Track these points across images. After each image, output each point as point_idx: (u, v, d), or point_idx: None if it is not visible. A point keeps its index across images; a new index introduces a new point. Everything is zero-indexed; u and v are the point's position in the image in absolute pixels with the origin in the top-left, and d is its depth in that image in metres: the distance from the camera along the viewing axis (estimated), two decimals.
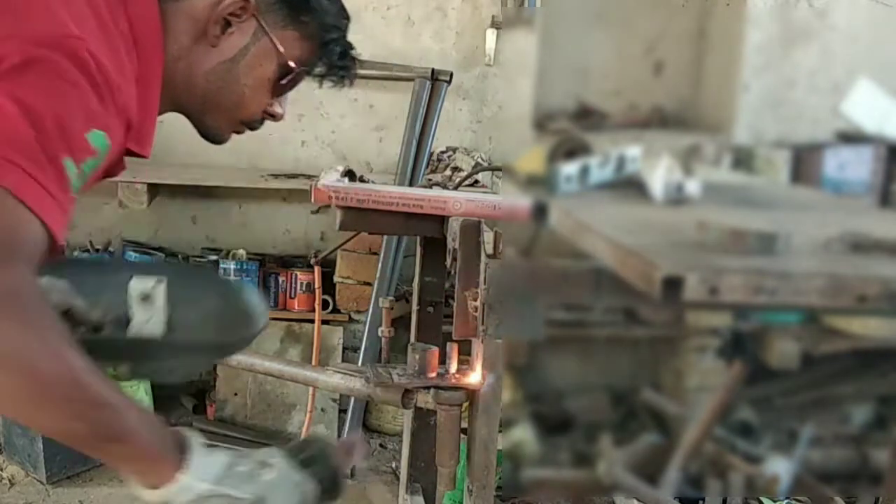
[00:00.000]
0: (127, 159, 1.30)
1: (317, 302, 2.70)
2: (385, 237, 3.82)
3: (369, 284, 3.97)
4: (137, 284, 1.35)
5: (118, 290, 1.35)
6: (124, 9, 1.24)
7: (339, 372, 2.03)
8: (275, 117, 1.45)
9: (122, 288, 1.35)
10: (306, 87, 1.42)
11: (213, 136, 1.46)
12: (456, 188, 2.46)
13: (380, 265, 3.89)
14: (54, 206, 1.03)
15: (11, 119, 1.01)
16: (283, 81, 1.39)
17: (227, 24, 1.31)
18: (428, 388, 1.79)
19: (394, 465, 3.79)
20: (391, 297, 2.29)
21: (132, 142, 1.23)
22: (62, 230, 1.06)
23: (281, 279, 4.12)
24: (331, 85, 1.47)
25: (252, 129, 1.47)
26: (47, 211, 1.02)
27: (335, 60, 1.43)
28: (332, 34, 1.40)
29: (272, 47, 1.35)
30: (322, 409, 3.93)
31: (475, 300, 1.70)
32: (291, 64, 1.37)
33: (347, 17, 1.44)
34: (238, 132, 1.46)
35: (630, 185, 1.97)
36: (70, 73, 1.06)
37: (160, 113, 1.33)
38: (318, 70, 1.42)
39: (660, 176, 1.87)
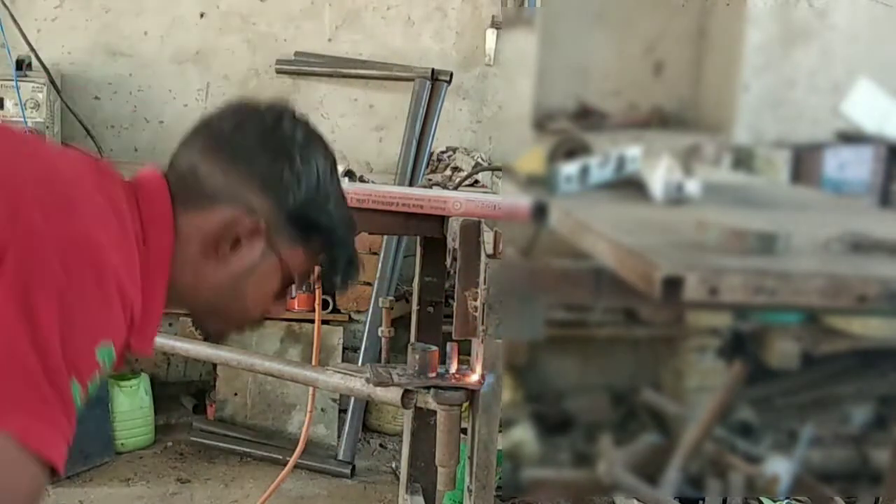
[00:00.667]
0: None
1: (317, 302, 2.69)
2: (385, 237, 3.82)
3: (369, 284, 3.97)
4: None
5: None
6: (138, 208, 1.28)
7: (339, 372, 2.03)
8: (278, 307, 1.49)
9: None
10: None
11: (215, 336, 1.49)
12: (456, 188, 2.46)
13: (380, 265, 3.89)
14: (57, 440, 1.07)
15: (19, 345, 1.04)
16: (286, 291, 1.43)
17: (238, 241, 1.33)
18: (428, 388, 1.79)
19: (394, 465, 3.79)
20: (391, 297, 2.29)
21: (133, 340, 1.24)
22: (64, 460, 1.09)
23: None
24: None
25: (252, 328, 1.51)
26: (51, 448, 1.06)
27: (339, 270, 1.46)
28: (338, 249, 1.43)
29: (279, 264, 1.37)
30: (322, 409, 3.93)
31: (475, 300, 1.70)
32: (296, 278, 1.41)
33: (354, 226, 1.47)
34: (239, 331, 1.50)
35: (630, 185, 1.97)
36: (86, 281, 1.10)
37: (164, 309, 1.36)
38: (327, 272, 1.45)
39: (660, 176, 1.87)
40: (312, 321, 3.47)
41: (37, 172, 1.19)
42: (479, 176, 2.88)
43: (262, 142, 1.33)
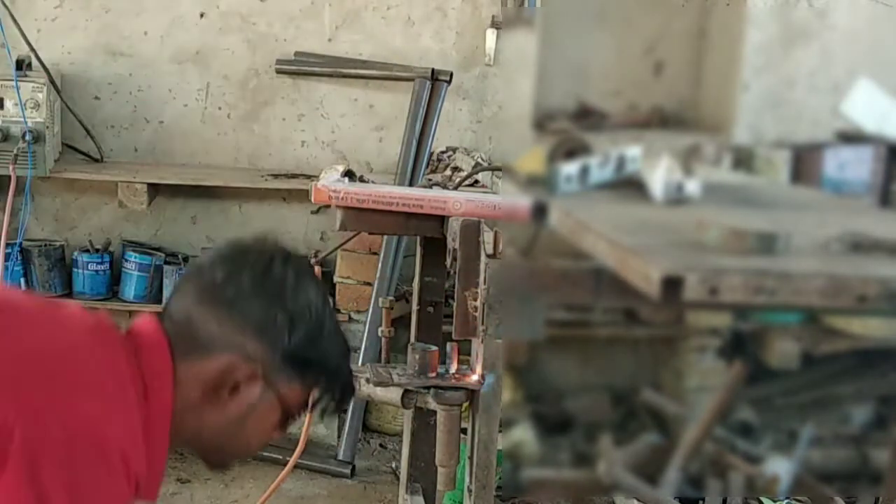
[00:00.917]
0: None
1: None
2: (385, 237, 3.82)
3: (369, 284, 3.97)
4: None
5: None
6: (139, 364, 1.33)
7: None
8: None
9: None
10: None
11: (218, 468, 1.53)
12: (456, 188, 2.46)
13: (380, 265, 3.89)
14: None
15: None
16: (287, 423, 1.48)
17: (237, 386, 1.37)
18: (428, 388, 1.79)
19: (394, 465, 3.79)
20: (391, 297, 2.29)
21: (139, 495, 1.28)
22: None
23: None
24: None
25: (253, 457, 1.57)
26: None
27: (335, 398, 1.49)
28: (333, 380, 1.46)
29: (278, 402, 1.41)
30: None
31: (475, 300, 1.70)
32: (294, 410, 1.45)
33: (348, 352, 1.50)
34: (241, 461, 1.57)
35: (630, 185, 1.97)
36: (91, 460, 1.16)
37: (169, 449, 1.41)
38: (325, 402, 1.49)
39: (660, 176, 1.87)
40: None
41: (36, 343, 1.26)
42: (479, 176, 2.88)
43: (254, 288, 1.37)
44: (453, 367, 1.81)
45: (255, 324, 1.36)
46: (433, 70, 4.05)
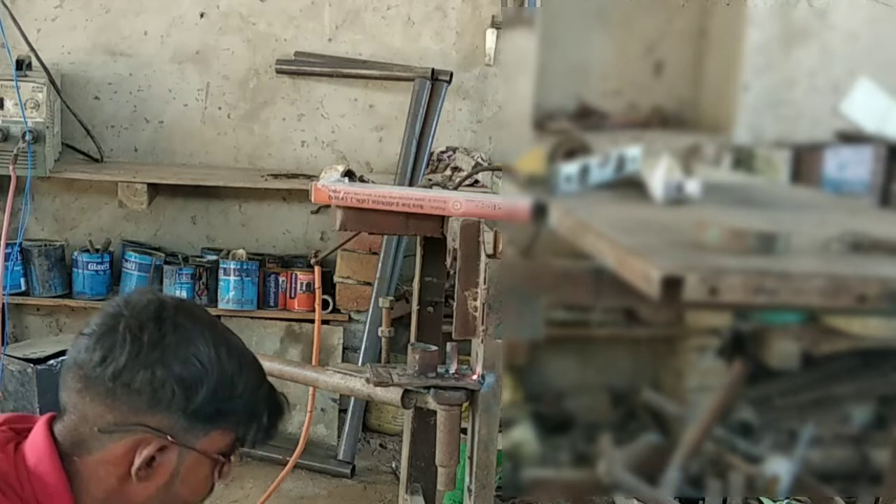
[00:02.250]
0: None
1: (317, 302, 2.69)
2: (385, 237, 3.82)
3: (369, 284, 3.97)
4: None
5: None
6: (29, 479, 1.30)
7: (339, 372, 2.03)
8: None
9: None
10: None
11: None
12: (456, 188, 2.46)
13: (380, 265, 3.89)
14: None
15: None
16: (223, 466, 1.42)
17: (151, 458, 1.34)
18: (428, 388, 1.79)
19: (394, 465, 3.79)
20: (391, 297, 2.29)
21: None
22: None
23: (281, 279, 4.12)
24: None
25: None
26: None
27: (261, 427, 1.44)
28: (252, 413, 1.41)
29: (201, 456, 1.38)
30: (322, 409, 3.93)
31: (475, 300, 1.70)
32: (222, 458, 1.41)
33: (262, 376, 1.44)
34: None
35: (630, 185, 1.97)
36: None
37: None
38: (253, 435, 1.43)
39: (660, 176, 1.87)
40: (312, 321, 3.47)
41: None
42: (479, 176, 2.88)
43: (131, 361, 1.31)
44: (453, 367, 1.81)
45: (147, 396, 1.31)
46: (433, 70, 4.05)
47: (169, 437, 1.33)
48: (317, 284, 2.68)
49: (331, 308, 4.06)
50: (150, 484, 1.35)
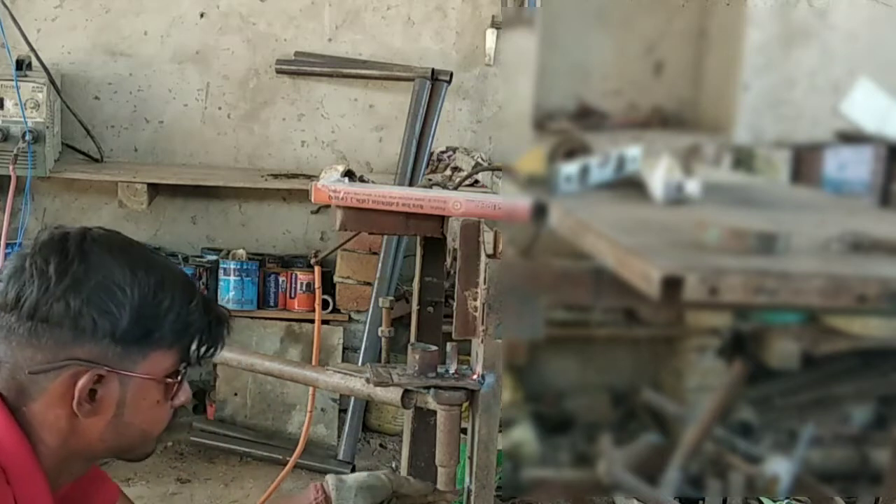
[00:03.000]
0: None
1: (317, 302, 2.69)
2: (385, 237, 3.82)
3: (369, 284, 3.97)
4: None
5: None
6: None
7: (339, 372, 2.03)
8: (184, 405, 1.46)
9: None
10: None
11: (141, 459, 1.47)
12: (456, 188, 2.46)
13: (380, 265, 3.89)
14: None
15: None
16: (174, 388, 1.39)
17: (93, 392, 1.31)
18: (428, 388, 1.79)
19: (394, 465, 3.79)
20: (391, 297, 2.28)
21: None
22: None
23: (281, 279, 4.12)
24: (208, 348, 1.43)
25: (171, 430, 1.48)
26: None
27: (209, 334, 1.41)
28: (191, 324, 1.37)
29: (146, 380, 1.34)
30: (322, 409, 3.93)
31: (475, 300, 1.70)
32: (169, 379, 1.37)
33: (193, 290, 1.39)
34: (160, 441, 1.47)
35: (630, 185, 1.97)
36: None
37: (82, 473, 1.39)
38: (195, 349, 1.40)
39: (660, 176, 1.87)
40: (312, 321, 3.47)
41: None
42: (479, 176, 2.88)
43: (45, 294, 1.28)
44: (453, 367, 1.81)
45: (67, 328, 1.28)
46: (433, 70, 4.05)
47: (104, 367, 1.30)
48: (317, 284, 2.68)
49: (331, 308, 4.06)
50: (98, 419, 1.32)
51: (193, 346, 1.38)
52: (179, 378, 1.39)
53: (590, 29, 2.85)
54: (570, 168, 1.91)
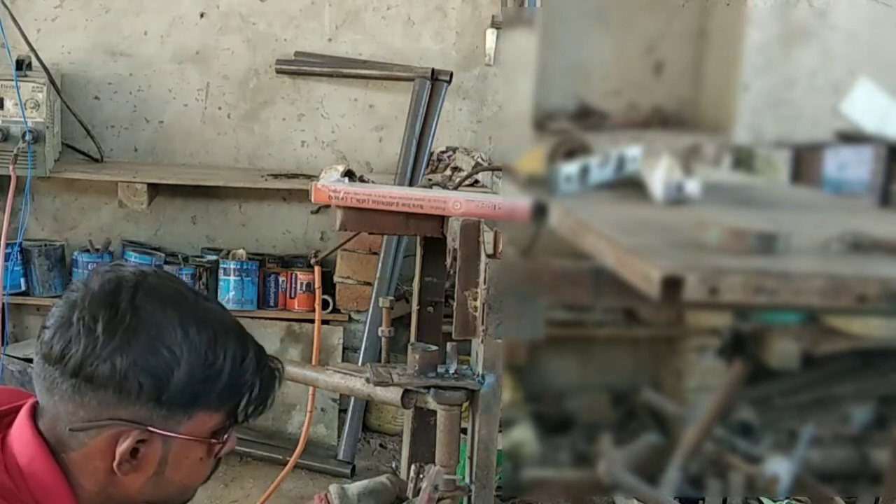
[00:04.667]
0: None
1: (317, 302, 2.69)
2: (385, 237, 3.82)
3: (369, 284, 3.97)
4: None
5: None
6: (23, 479, 1.26)
7: (339, 372, 2.03)
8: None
9: None
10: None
11: None
12: (456, 188, 2.46)
13: (380, 265, 3.89)
14: None
15: None
16: (218, 448, 1.35)
17: (135, 451, 1.28)
18: (428, 388, 1.79)
19: (394, 465, 3.79)
20: (391, 297, 2.28)
21: None
22: None
23: (281, 279, 4.12)
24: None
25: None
26: None
27: (259, 392, 1.36)
28: (237, 388, 1.32)
29: (189, 440, 1.30)
30: (322, 409, 3.93)
31: (475, 300, 1.70)
32: (214, 440, 1.33)
33: (246, 345, 1.35)
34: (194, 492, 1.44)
35: (630, 185, 1.97)
36: None
37: None
38: (244, 408, 1.35)
39: (660, 176, 1.87)
40: (312, 321, 3.47)
41: None
42: (479, 176, 2.88)
43: (90, 356, 1.23)
44: (453, 367, 1.81)
45: (112, 390, 1.23)
46: (433, 70, 4.05)
47: (148, 428, 1.26)
48: (317, 284, 2.68)
49: (331, 308, 4.06)
50: (138, 475, 1.29)
51: (242, 404, 1.34)
52: (226, 437, 1.35)
53: (590, 29, 2.85)
54: (570, 168, 1.91)
